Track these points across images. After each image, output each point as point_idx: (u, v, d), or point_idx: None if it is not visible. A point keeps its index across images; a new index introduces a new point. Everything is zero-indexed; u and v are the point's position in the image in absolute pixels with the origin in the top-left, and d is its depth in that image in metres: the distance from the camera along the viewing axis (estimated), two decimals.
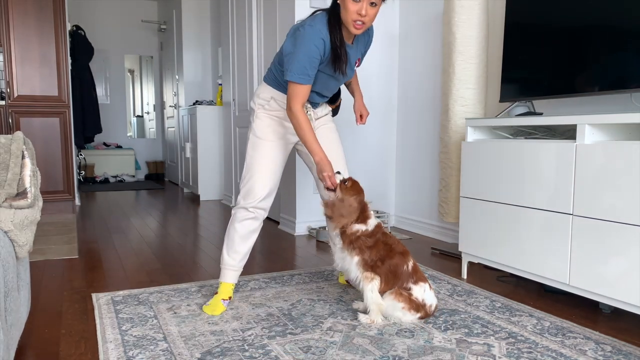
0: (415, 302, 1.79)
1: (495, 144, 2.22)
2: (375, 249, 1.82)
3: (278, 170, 2.04)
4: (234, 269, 2.01)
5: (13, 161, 1.53)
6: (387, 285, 1.81)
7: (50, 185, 4.29)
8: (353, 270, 1.83)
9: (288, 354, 1.56)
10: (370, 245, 1.82)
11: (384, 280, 1.80)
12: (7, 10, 4.07)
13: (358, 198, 1.85)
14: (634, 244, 1.67)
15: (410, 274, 1.81)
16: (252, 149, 2.02)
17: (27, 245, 1.46)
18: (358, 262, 1.81)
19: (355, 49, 2.00)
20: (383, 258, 1.81)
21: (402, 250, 1.85)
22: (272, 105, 2.02)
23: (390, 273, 1.80)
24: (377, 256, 1.81)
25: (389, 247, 1.83)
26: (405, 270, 1.81)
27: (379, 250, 1.82)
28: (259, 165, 1.99)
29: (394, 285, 1.80)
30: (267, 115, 2.02)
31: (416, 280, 1.81)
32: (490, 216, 2.25)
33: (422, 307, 1.80)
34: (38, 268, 2.57)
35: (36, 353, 1.59)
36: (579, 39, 2.08)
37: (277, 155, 2.02)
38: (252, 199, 1.98)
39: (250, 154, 2.02)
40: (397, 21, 3.64)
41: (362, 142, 3.61)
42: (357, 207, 1.83)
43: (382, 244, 1.83)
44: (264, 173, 1.99)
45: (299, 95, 1.85)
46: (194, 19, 5.91)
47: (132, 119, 7.93)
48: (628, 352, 1.58)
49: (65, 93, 4.32)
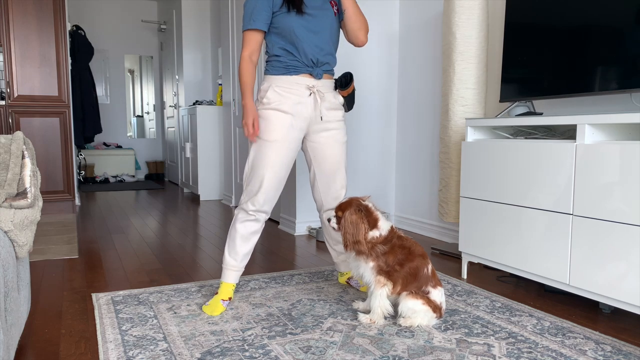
0: (434, 303, 1.78)
1: (495, 144, 2.22)
2: (392, 254, 1.78)
3: (283, 174, 1.98)
4: (235, 269, 2.01)
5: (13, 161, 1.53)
6: (404, 287, 1.78)
7: (50, 185, 4.29)
8: (367, 275, 1.80)
9: (288, 354, 1.56)
10: (386, 251, 1.78)
11: (401, 283, 1.78)
12: (7, 10, 4.07)
13: (352, 208, 1.79)
14: (634, 244, 1.67)
15: (430, 277, 1.80)
16: (256, 151, 1.96)
17: (27, 245, 1.46)
18: (373, 267, 1.79)
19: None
20: (402, 262, 1.77)
21: (422, 252, 1.82)
22: (271, 96, 1.94)
23: (410, 276, 1.77)
24: (394, 261, 1.77)
25: (407, 250, 1.80)
26: (425, 273, 1.79)
27: (396, 255, 1.78)
28: (263, 169, 1.94)
29: (412, 288, 1.78)
30: (268, 110, 1.94)
31: (435, 284, 1.80)
32: (490, 216, 2.25)
33: (438, 309, 1.79)
34: (38, 268, 2.57)
35: (36, 353, 1.59)
36: (579, 39, 2.08)
37: (281, 158, 1.96)
38: (255, 202, 1.96)
39: (254, 155, 1.96)
40: (397, 21, 3.64)
41: (362, 142, 3.61)
42: (356, 217, 1.77)
43: (399, 248, 1.79)
44: (267, 177, 1.94)
45: (249, 42, 1.93)
46: (194, 19, 5.91)
47: (132, 119, 7.93)
48: (628, 352, 1.58)
49: (65, 93, 4.32)
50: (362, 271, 1.81)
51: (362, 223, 1.77)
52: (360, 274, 1.83)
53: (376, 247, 1.78)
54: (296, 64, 1.95)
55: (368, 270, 1.79)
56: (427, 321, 1.78)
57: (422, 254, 1.82)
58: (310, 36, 1.94)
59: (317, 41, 1.96)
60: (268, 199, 1.97)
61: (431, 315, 1.78)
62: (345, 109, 2.14)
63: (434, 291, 1.79)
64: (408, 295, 1.78)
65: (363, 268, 1.80)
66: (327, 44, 2.00)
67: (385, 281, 1.77)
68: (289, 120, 1.95)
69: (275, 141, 1.94)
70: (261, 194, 1.96)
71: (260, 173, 1.95)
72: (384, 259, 1.77)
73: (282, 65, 1.96)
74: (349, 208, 1.79)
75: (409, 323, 1.77)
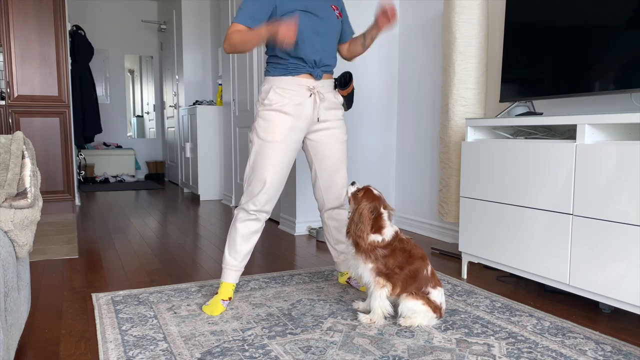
0: (434, 304, 1.78)
1: (495, 144, 2.22)
2: (392, 257, 1.78)
3: (284, 173, 1.99)
4: (235, 269, 2.01)
5: (13, 161, 1.53)
6: (403, 289, 1.79)
7: (50, 185, 4.30)
8: (366, 275, 1.80)
9: (288, 354, 1.56)
10: (386, 254, 1.78)
11: (401, 285, 1.78)
12: (7, 10, 4.07)
13: (369, 206, 1.79)
14: (634, 244, 1.67)
15: (429, 279, 1.80)
16: (257, 151, 1.96)
17: (27, 245, 1.46)
18: (372, 269, 1.79)
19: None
20: (402, 265, 1.78)
21: (421, 254, 1.82)
22: (272, 97, 1.94)
23: (410, 278, 1.78)
24: (394, 264, 1.78)
25: (407, 253, 1.80)
26: (425, 274, 1.79)
27: (396, 258, 1.78)
28: (264, 169, 1.94)
29: (412, 289, 1.78)
30: (269, 112, 1.94)
31: (434, 284, 1.80)
32: (490, 216, 2.25)
33: (438, 309, 1.80)
34: (38, 268, 2.57)
35: (36, 353, 1.59)
36: (579, 39, 2.08)
37: (282, 159, 1.96)
38: (255, 202, 1.97)
39: (254, 155, 1.96)
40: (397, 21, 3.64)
41: (362, 142, 3.61)
42: (368, 215, 1.78)
43: (400, 251, 1.79)
44: (269, 177, 1.95)
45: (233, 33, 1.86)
46: (194, 19, 5.91)
47: (132, 119, 7.93)
48: (628, 352, 1.58)
49: (65, 93, 4.32)
50: (360, 271, 1.81)
51: (368, 224, 1.78)
52: (359, 274, 1.83)
53: (376, 250, 1.78)
54: (297, 65, 1.95)
55: (367, 272, 1.80)
56: (427, 321, 1.78)
57: (422, 256, 1.82)
58: (315, 37, 1.94)
59: (321, 42, 1.97)
60: (269, 198, 1.98)
61: (431, 315, 1.78)
62: (344, 108, 2.15)
63: (434, 292, 1.80)
64: (408, 295, 1.78)
65: (362, 269, 1.80)
66: (330, 46, 2.01)
67: (385, 282, 1.77)
68: (290, 122, 1.95)
69: (276, 142, 1.94)
70: (262, 194, 1.96)
71: (262, 173, 1.95)
72: (383, 262, 1.78)
73: (282, 66, 1.96)
74: (368, 202, 1.80)
75: (409, 323, 1.77)
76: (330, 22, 1.98)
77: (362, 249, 1.78)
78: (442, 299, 1.81)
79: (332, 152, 2.08)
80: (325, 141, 2.07)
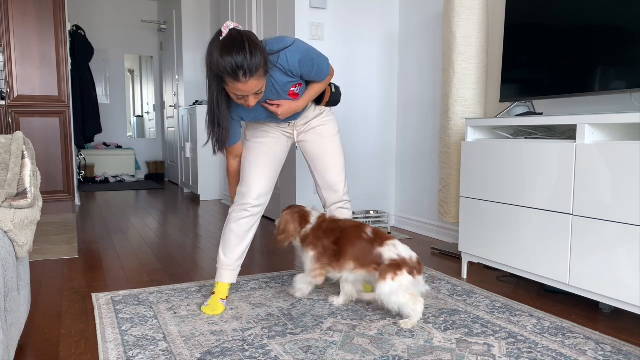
0: (395, 264, 1.75)
1: (495, 144, 2.22)
2: (325, 237, 1.90)
3: (272, 167, 2.05)
4: (231, 269, 2.02)
5: (13, 161, 1.53)
6: (358, 261, 1.84)
7: (50, 185, 4.30)
8: (307, 263, 1.94)
9: (288, 354, 1.56)
10: (320, 236, 1.91)
11: (349, 257, 1.85)
12: (7, 10, 4.07)
13: (289, 211, 2.00)
14: (634, 244, 1.67)
15: (373, 240, 1.84)
16: (245, 151, 2.07)
17: (27, 245, 1.46)
18: (313, 257, 1.91)
19: (271, 90, 1.84)
20: (337, 240, 1.88)
21: (355, 224, 1.91)
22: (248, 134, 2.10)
23: (351, 247, 1.84)
24: (330, 241, 1.89)
25: (339, 228, 1.90)
26: (366, 237, 1.85)
27: (328, 235, 1.90)
28: (251, 165, 2.03)
29: (365, 259, 1.82)
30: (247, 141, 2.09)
31: (381, 242, 1.82)
32: (490, 216, 2.25)
33: (403, 264, 1.75)
34: (38, 268, 2.57)
35: (36, 353, 1.59)
36: (579, 39, 2.08)
37: (268, 153, 2.04)
38: (248, 198, 2.01)
39: (244, 155, 2.07)
40: (397, 21, 3.64)
41: (362, 142, 3.61)
42: (290, 218, 1.97)
43: (331, 230, 1.91)
44: (257, 172, 2.02)
45: (230, 152, 2.05)
46: (194, 19, 5.91)
47: (132, 119, 7.93)
48: (628, 352, 1.58)
49: (65, 93, 4.32)
50: (304, 260, 1.97)
51: (292, 224, 1.96)
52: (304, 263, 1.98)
53: (309, 235, 1.93)
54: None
55: (308, 259, 1.93)
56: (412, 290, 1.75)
57: (355, 225, 1.90)
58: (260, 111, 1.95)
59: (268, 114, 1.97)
60: (262, 192, 2.03)
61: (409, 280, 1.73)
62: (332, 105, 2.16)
63: (384, 248, 1.80)
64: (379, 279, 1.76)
65: (304, 257, 1.96)
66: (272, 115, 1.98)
67: (320, 270, 1.89)
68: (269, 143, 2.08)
69: (262, 138, 2.07)
70: (254, 189, 2.01)
71: (252, 168, 2.03)
72: (320, 244, 1.90)
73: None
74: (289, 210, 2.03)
75: (410, 325, 1.77)
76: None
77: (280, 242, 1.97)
78: (399, 250, 1.79)
79: (323, 149, 2.11)
80: (313, 139, 2.11)
